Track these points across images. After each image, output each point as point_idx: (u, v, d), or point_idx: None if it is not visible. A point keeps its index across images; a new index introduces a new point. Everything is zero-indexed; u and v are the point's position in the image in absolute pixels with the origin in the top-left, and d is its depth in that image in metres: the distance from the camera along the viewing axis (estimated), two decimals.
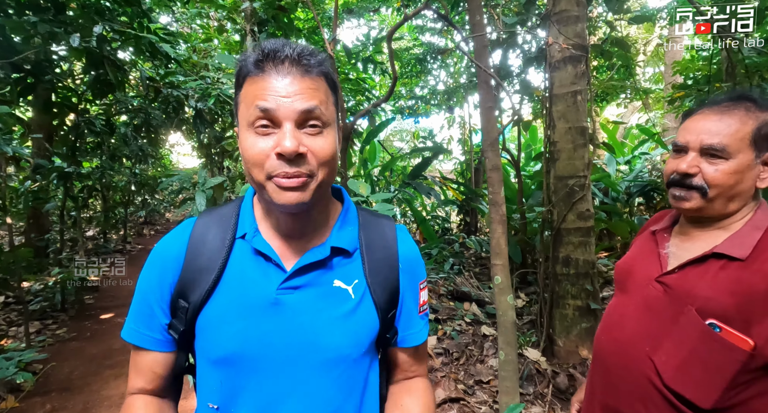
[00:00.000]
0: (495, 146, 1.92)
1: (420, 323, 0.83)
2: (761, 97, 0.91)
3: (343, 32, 10.65)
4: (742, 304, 0.82)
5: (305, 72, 0.65)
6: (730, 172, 0.87)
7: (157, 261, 0.76)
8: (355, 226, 0.80)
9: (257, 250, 0.72)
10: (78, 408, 2.74)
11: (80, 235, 4.86)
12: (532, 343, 3.33)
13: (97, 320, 4.31)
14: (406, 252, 0.81)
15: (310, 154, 0.65)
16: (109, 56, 3.30)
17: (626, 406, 0.96)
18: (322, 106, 0.65)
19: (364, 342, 0.74)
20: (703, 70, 3.79)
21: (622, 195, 5.63)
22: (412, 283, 0.82)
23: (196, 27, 7.85)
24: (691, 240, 0.97)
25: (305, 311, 0.71)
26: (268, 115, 0.63)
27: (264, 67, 0.64)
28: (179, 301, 0.72)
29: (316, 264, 0.73)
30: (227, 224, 0.76)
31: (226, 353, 0.70)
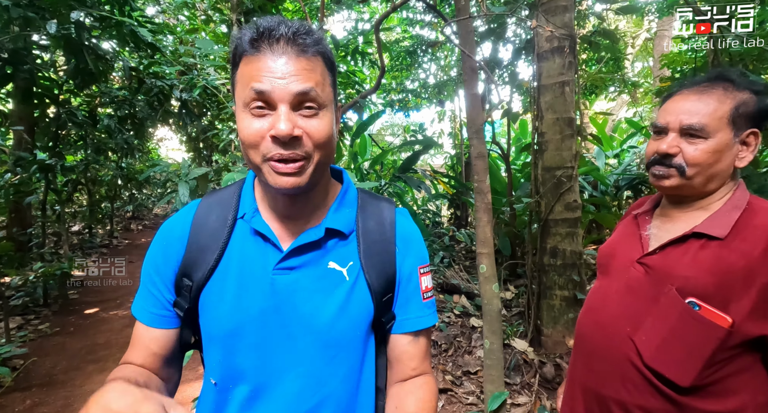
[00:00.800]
0: (480, 134, 1.90)
1: (421, 308, 0.80)
2: (739, 77, 0.92)
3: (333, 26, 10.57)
4: (721, 282, 0.84)
5: (301, 52, 0.64)
6: (710, 151, 0.88)
7: (162, 241, 0.78)
8: (353, 208, 0.80)
9: (256, 231, 0.73)
10: (59, 403, 2.69)
11: (64, 230, 4.77)
12: (520, 334, 3.34)
13: (81, 315, 4.24)
14: (405, 235, 0.80)
15: (305, 137, 0.64)
16: (89, 45, 3.21)
17: (606, 388, 0.96)
18: (317, 87, 0.64)
19: (359, 325, 0.74)
20: (690, 62, 3.80)
21: (611, 188, 5.67)
22: (411, 267, 0.80)
23: (182, 18, 7.72)
24: (672, 222, 0.98)
25: (300, 291, 0.71)
26: (262, 97, 0.62)
27: (259, 46, 0.63)
28: (183, 280, 0.74)
29: (311, 245, 0.73)
30: (228, 205, 0.77)
31: (224, 330, 0.71)
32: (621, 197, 5.92)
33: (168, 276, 0.75)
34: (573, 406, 1.07)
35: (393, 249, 0.78)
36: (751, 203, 0.90)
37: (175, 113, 4.96)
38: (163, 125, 7.64)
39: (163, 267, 0.76)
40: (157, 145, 12.15)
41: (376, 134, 13.09)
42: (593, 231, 5.93)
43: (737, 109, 0.88)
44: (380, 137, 13.15)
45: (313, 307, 0.71)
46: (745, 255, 0.83)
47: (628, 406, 0.92)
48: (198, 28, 5.88)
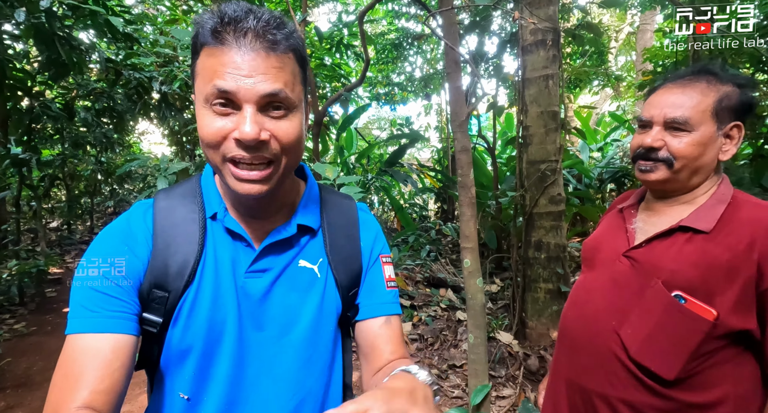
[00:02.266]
0: (464, 127, 1.88)
1: (388, 295, 0.78)
2: (722, 70, 0.92)
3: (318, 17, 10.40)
4: (706, 276, 0.84)
5: (271, 48, 0.57)
6: (694, 143, 0.89)
7: (115, 241, 0.66)
8: (317, 204, 0.78)
9: (228, 229, 0.69)
10: (36, 404, 2.62)
11: (41, 226, 4.63)
12: (505, 327, 3.36)
13: (59, 314, 4.13)
14: (368, 228, 0.80)
15: (273, 140, 0.59)
16: (61, 34, 3.09)
17: (590, 381, 0.97)
18: (287, 88, 0.59)
19: (330, 320, 0.73)
20: (671, 56, 3.84)
21: (595, 181, 5.74)
22: (374, 257, 0.80)
23: (163, 9, 7.51)
24: (658, 215, 0.98)
25: (273, 293, 0.69)
26: (226, 95, 0.57)
27: (223, 39, 0.56)
28: (154, 292, 0.65)
29: (283, 243, 0.71)
30: (192, 204, 0.70)
31: (199, 339, 0.65)
32: (604, 190, 6.00)
33: (131, 283, 0.64)
34: (556, 399, 1.07)
35: (358, 243, 0.77)
36: (735, 197, 0.90)
37: (156, 106, 4.83)
38: (144, 118, 7.46)
39: (121, 271, 0.64)
40: (138, 139, 11.88)
41: (363, 128, 13.00)
42: (577, 224, 6.00)
43: (720, 102, 0.88)
44: (366, 131, 13.07)
45: (290, 309, 0.69)
46: (729, 248, 0.84)
47: (611, 400, 0.92)
48: (178, 19, 5.72)
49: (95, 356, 0.58)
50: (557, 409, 1.06)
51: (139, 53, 3.95)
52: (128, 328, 0.62)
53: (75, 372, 0.57)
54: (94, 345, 0.59)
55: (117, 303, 0.63)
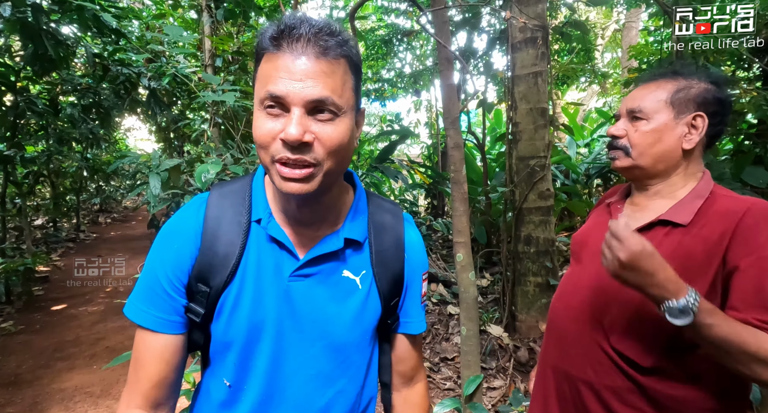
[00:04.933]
0: (456, 124, 1.91)
1: (420, 312, 0.85)
2: (687, 68, 0.99)
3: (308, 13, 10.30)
4: (681, 267, 0.86)
5: (322, 53, 0.60)
6: (648, 130, 0.96)
7: (172, 242, 0.72)
8: (365, 215, 0.79)
9: (272, 237, 0.72)
10: (27, 402, 2.60)
11: (26, 224, 4.56)
12: (495, 320, 3.43)
13: (47, 312, 4.08)
14: (412, 243, 0.82)
15: (317, 143, 0.61)
16: (47, 29, 3.04)
17: (576, 369, 1.01)
18: (335, 94, 0.60)
19: (369, 329, 0.77)
20: (656, 54, 3.92)
21: (582, 176, 5.83)
22: (416, 273, 0.83)
23: (148, 2, 7.39)
24: (642, 210, 1.02)
25: (314, 299, 0.72)
26: (277, 100, 0.60)
27: (280, 44, 0.60)
28: (198, 285, 0.71)
29: (328, 255, 0.73)
30: (241, 206, 0.74)
31: (241, 335, 0.71)
32: (591, 185, 6.10)
33: (180, 280, 0.71)
34: (545, 386, 1.12)
35: (402, 257, 0.80)
36: (713, 192, 0.94)
37: (144, 102, 4.77)
38: (131, 114, 7.36)
39: (173, 270, 0.71)
40: (125, 135, 11.70)
41: None
42: (565, 218, 6.10)
43: (677, 92, 0.94)
44: None
45: (328, 315, 0.73)
46: (704, 239, 0.87)
47: (596, 386, 0.96)
48: (166, 14, 5.64)
49: (150, 349, 0.71)
50: (546, 396, 1.11)
51: (128, 48, 3.89)
52: (177, 329, 0.72)
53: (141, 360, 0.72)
54: (156, 343, 0.71)
55: (163, 305, 0.71)
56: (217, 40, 3.96)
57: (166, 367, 0.72)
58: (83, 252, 6.36)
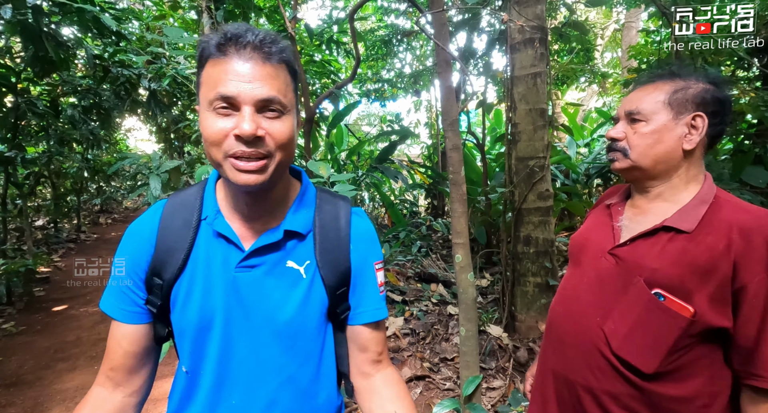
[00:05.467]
0: (455, 126, 1.92)
1: (378, 301, 0.87)
2: (684, 69, 0.98)
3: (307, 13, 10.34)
4: (685, 274, 0.87)
5: (266, 59, 0.67)
6: (646, 132, 0.95)
7: (131, 242, 0.81)
8: (311, 208, 0.84)
9: (219, 232, 0.78)
10: (29, 403, 2.61)
11: (27, 224, 4.57)
12: (495, 320, 3.43)
13: (48, 313, 4.10)
14: (359, 234, 0.86)
15: (268, 137, 0.68)
16: (48, 31, 3.05)
17: (575, 374, 1.00)
18: (280, 94, 0.68)
19: (314, 316, 0.81)
20: (656, 54, 3.93)
21: (582, 176, 5.84)
22: (365, 263, 0.86)
23: (148, 3, 7.40)
24: (643, 214, 1.00)
25: (260, 288, 0.77)
26: (228, 100, 0.66)
27: (226, 51, 0.66)
28: (154, 279, 0.78)
29: (271, 246, 0.78)
30: (192, 207, 0.81)
31: (193, 324, 0.77)
32: (591, 185, 6.11)
33: (139, 276, 0.79)
34: (544, 390, 1.11)
35: (347, 246, 0.83)
36: (717, 197, 0.93)
37: (144, 103, 4.78)
38: (131, 115, 7.37)
39: (133, 266, 0.79)
40: (125, 136, 11.71)
41: (353, 124, 13.00)
42: (565, 218, 6.10)
43: (675, 93, 0.93)
44: (356, 127, 13.07)
45: (273, 303, 0.78)
46: (709, 249, 0.86)
47: (595, 391, 0.96)
48: (166, 15, 5.65)
49: (115, 337, 0.80)
50: (545, 400, 1.10)
51: (128, 50, 3.90)
52: (138, 320, 0.80)
53: (109, 346, 0.81)
54: (117, 332, 0.80)
55: (125, 298, 0.80)
56: None
57: (123, 353, 0.79)
58: (84, 252, 6.38)
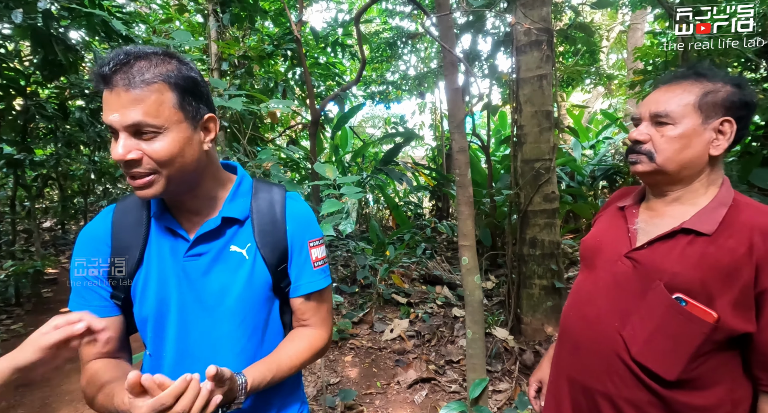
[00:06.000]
0: (461, 128, 1.92)
1: (314, 275, 0.95)
2: (710, 70, 0.94)
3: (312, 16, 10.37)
4: (707, 278, 0.85)
5: (129, 85, 0.71)
6: (675, 136, 0.91)
7: (87, 243, 0.88)
8: (248, 197, 0.93)
9: (166, 226, 0.86)
10: (36, 404, 2.63)
11: (35, 226, 4.61)
12: (501, 323, 3.42)
13: (56, 313, 4.11)
14: (294, 215, 0.94)
15: (145, 157, 0.74)
16: (57, 35, 3.09)
17: (593, 381, 0.98)
18: (149, 117, 0.72)
19: (260, 291, 0.89)
20: (662, 56, 3.91)
21: (587, 178, 5.82)
22: (301, 242, 0.94)
23: (155, 7, 7.46)
24: (660, 217, 0.98)
25: (209, 272, 0.86)
26: (111, 128, 0.73)
27: (103, 80, 0.72)
28: (116, 274, 0.86)
29: (212, 233, 0.87)
30: (141, 206, 0.89)
31: (150, 312, 0.85)
32: (597, 187, 6.09)
33: (101, 272, 0.87)
34: (558, 396, 1.08)
35: (283, 227, 0.92)
36: (736, 200, 0.91)
37: None
38: None
39: (94, 265, 0.87)
40: None
41: (357, 126, 13.03)
42: (570, 221, 6.08)
43: (704, 96, 0.90)
44: (361, 129, 13.10)
45: (222, 284, 0.86)
46: (730, 252, 0.85)
47: (614, 398, 0.93)
48: (172, 18, 5.70)
49: None
50: (559, 406, 1.07)
51: None
52: (109, 312, 0.87)
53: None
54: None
55: (96, 295, 0.87)
56: (223, 45, 3.99)
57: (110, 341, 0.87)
58: None
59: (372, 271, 4.26)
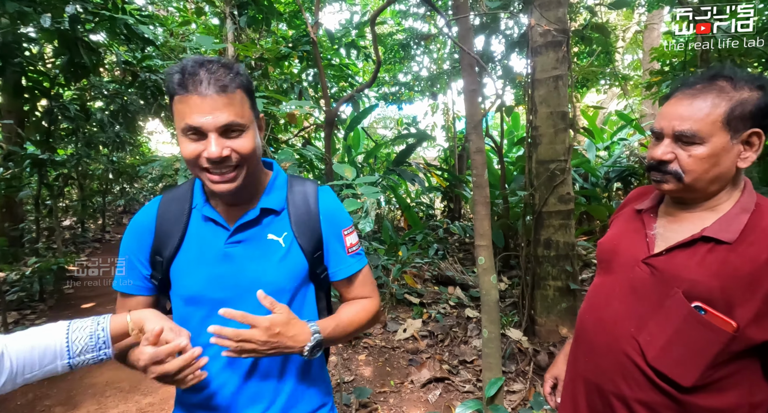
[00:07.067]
0: (478, 129, 1.94)
1: (349, 260, 1.04)
2: (737, 74, 0.88)
3: (326, 17, 10.45)
4: (727, 287, 0.83)
5: (221, 91, 0.80)
6: (704, 156, 0.86)
7: (135, 230, 0.98)
8: (284, 190, 1.01)
9: (206, 216, 0.94)
10: (62, 396, 2.71)
11: (57, 224, 4.73)
12: (514, 324, 3.42)
13: (77, 310, 4.23)
14: (326, 207, 1.02)
15: (234, 153, 0.83)
16: (82, 38, 3.18)
17: (608, 382, 0.98)
18: (237, 117, 0.82)
19: (296, 277, 0.97)
20: (680, 56, 3.87)
21: (602, 180, 5.77)
22: (335, 230, 1.02)
23: (172, 10, 7.60)
24: (679, 222, 0.96)
25: (248, 258, 0.93)
26: (195, 130, 0.80)
27: (186, 87, 0.79)
28: (156, 257, 0.95)
29: (251, 223, 0.94)
30: (184, 199, 0.98)
31: (191, 293, 0.93)
32: (611, 189, 6.03)
33: (144, 256, 0.96)
34: (575, 396, 1.09)
35: (317, 217, 1.00)
36: (759, 204, 0.89)
37: (169, 106, 4.92)
38: (154, 118, 7.56)
39: (138, 250, 0.97)
40: (147, 139, 12.01)
41: (369, 127, 13.06)
42: (584, 222, 6.04)
43: (732, 111, 0.84)
44: (373, 130, 13.13)
45: (259, 269, 0.93)
46: (752, 259, 0.83)
47: (629, 400, 0.93)
48: (190, 21, 5.80)
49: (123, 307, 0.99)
50: (576, 406, 1.08)
51: (155, 56, 4.03)
52: (146, 292, 0.99)
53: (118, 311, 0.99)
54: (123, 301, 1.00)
55: (135, 274, 0.97)
56: (241, 47, 4.06)
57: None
58: (109, 252, 6.56)
59: (385, 271, 4.29)
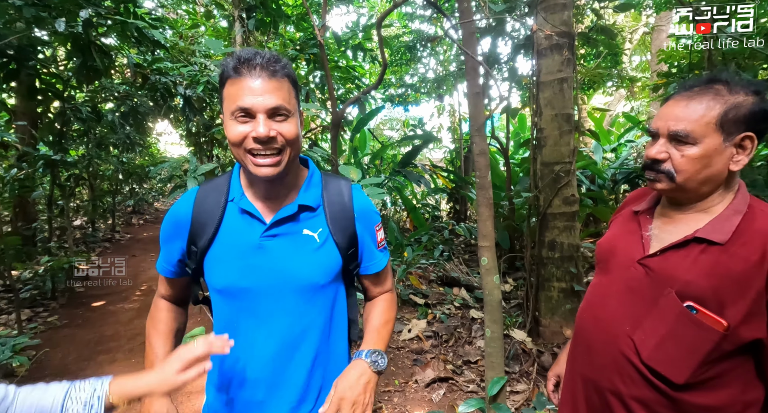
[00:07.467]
0: (482, 131, 1.97)
1: (379, 255, 1.10)
2: (733, 79, 0.91)
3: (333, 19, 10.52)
4: (718, 287, 0.86)
5: (272, 75, 0.85)
6: (696, 157, 0.89)
7: (172, 220, 1.03)
8: (319, 187, 1.04)
9: (243, 209, 0.97)
10: None
11: (68, 224, 4.83)
12: (518, 325, 3.43)
13: (88, 307, 4.31)
14: (360, 205, 1.05)
15: (279, 136, 0.87)
16: (95, 42, 3.25)
17: (604, 379, 1.01)
18: (285, 102, 0.86)
19: (330, 273, 1.00)
20: (686, 58, 3.86)
21: (608, 182, 5.75)
22: (368, 227, 1.07)
23: (182, 12, 7.70)
24: (674, 223, 0.99)
25: (283, 252, 0.96)
26: (245, 110, 0.84)
27: (240, 72, 0.85)
28: (191, 247, 0.99)
29: (288, 218, 0.97)
30: (221, 191, 1.01)
31: (225, 284, 0.96)
32: (618, 191, 6.00)
33: (180, 245, 1.01)
34: (574, 393, 1.12)
35: (352, 215, 1.03)
36: (752, 206, 0.91)
37: (178, 109, 5.00)
38: (164, 120, 7.66)
39: (175, 238, 1.02)
40: (156, 140, 12.15)
41: (375, 128, 13.12)
42: (591, 224, 6.02)
43: (726, 114, 0.87)
44: (379, 131, 13.18)
45: (293, 263, 0.96)
46: (743, 260, 0.85)
47: (624, 397, 0.96)
48: (199, 23, 5.89)
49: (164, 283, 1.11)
50: (575, 402, 1.11)
51: (164, 58, 4.10)
52: (179, 275, 1.07)
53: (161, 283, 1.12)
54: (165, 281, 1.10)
55: (174, 261, 1.05)
56: None
57: (174, 295, 1.13)
58: (119, 251, 6.66)
59: None
